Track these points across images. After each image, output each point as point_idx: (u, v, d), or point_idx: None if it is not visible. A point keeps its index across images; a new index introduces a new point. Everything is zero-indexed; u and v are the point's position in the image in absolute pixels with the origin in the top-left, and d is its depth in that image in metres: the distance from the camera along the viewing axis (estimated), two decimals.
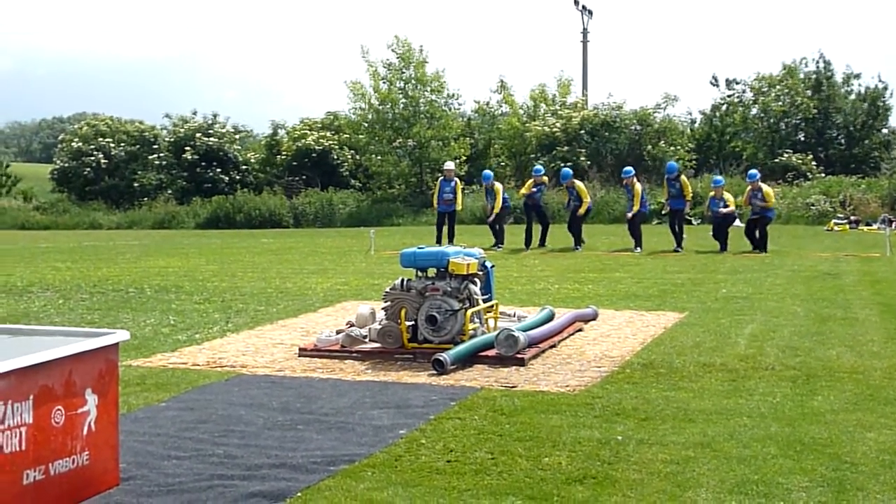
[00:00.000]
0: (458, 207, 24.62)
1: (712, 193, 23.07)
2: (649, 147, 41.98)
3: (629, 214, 23.19)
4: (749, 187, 22.69)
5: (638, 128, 43.10)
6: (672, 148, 42.52)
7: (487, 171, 25.33)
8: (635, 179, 23.38)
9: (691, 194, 24.37)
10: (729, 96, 48.03)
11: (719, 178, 24.81)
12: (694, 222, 30.96)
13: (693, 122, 49.03)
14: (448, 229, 24.06)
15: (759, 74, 47.03)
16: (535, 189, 24.09)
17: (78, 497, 5.33)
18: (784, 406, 7.36)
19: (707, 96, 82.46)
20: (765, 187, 22.59)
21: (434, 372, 8.79)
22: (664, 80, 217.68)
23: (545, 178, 25.09)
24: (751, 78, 47.54)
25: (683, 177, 23.84)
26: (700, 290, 14.79)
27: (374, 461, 6.07)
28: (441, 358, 8.84)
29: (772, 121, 45.92)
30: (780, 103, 45.34)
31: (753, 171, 24.12)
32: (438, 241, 22.81)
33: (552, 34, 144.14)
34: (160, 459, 6.15)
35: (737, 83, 47.97)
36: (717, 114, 48.15)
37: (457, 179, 24.62)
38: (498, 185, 24.30)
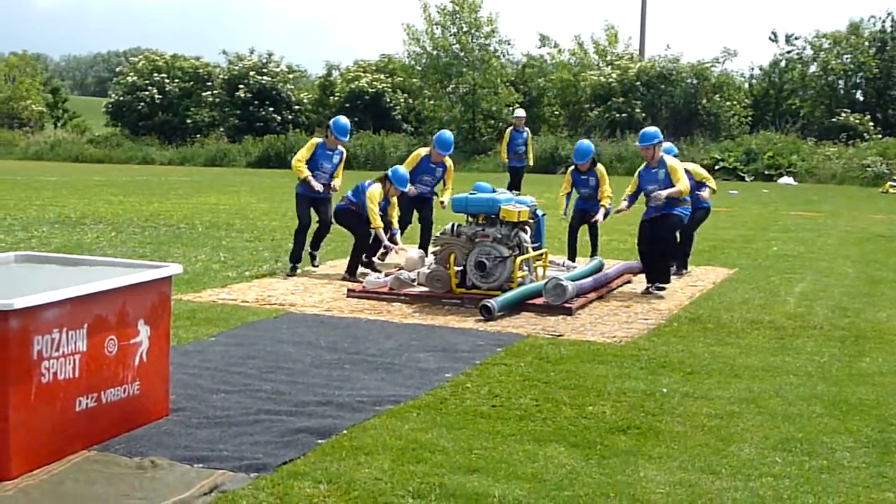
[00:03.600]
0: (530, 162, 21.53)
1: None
2: (704, 101, 41.50)
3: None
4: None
5: (694, 81, 42.57)
6: (728, 103, 42.02)
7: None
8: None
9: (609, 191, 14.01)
10: (788, 52, 47.23)
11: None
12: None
13: (752, 77, 48.35)
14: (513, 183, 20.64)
15: (819, 32, 46.16)
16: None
17: (128, 425, 5.43)
18: (831, 366, 7.33)
19: (766, 52, 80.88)
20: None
21: (481, 318, 8.83)
22: (723, 34, 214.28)
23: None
24: (811, 35, 46.69)
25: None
26: (751, 248, 14.69)
27: (420, 403, 6.12)
28: (489, 304, 8.87)
29: (830, 79, 45.15)
30: (841, 61, 44.53)
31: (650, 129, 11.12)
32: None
33: None
34: (209, 393, 6.25)
35: (796, 39, 47.14)
36: (776, 70, 47.37)
37: (528, 130, 21.55)
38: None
